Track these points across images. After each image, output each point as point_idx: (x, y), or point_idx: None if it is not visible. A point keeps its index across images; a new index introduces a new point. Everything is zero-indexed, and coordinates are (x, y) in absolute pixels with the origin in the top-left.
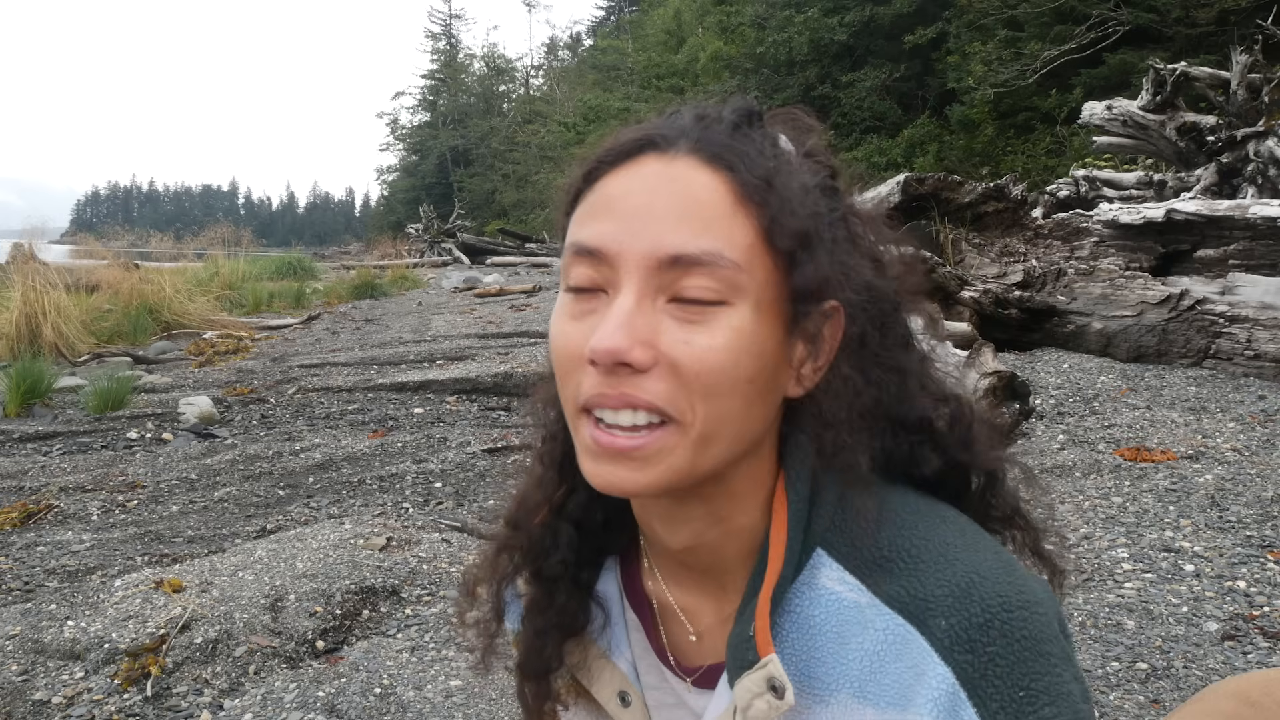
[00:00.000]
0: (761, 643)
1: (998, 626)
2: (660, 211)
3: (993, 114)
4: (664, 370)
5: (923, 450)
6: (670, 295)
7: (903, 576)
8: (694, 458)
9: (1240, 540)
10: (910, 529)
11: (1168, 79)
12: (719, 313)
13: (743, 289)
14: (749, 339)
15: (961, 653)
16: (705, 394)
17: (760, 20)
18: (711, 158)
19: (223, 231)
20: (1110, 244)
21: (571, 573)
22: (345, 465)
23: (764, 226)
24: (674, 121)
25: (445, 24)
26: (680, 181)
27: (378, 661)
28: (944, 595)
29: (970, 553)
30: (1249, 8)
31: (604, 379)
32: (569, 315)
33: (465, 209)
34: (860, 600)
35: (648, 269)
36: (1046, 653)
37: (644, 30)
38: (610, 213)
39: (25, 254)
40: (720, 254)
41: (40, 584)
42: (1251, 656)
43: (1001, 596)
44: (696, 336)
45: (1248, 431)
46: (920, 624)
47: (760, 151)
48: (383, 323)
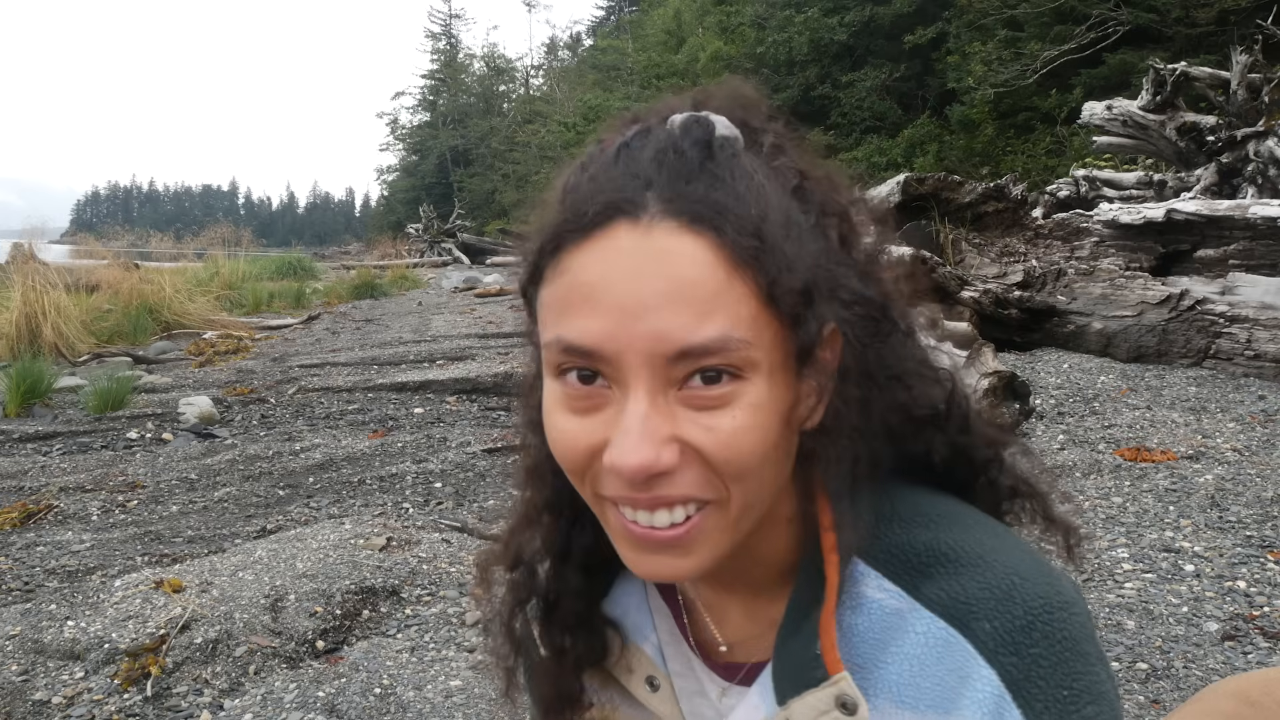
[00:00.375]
0: (830, 661)
1: (1040, 628)
2: (653, 300)
3: (993, 114)
4: (690, 460)
5: (932, 438)
6: (681, 382)
7: (942, 579)
8: (735, 531)
9: (1240, 540)
10: (945, 531)
11: (1168, 79)
12: (735, 391)
13: (755, 362)
14: (769, 409)
15: (1006, 655)
16: (737, 476)
17: (760, 20)
18: (692, 219)
19: (223, 231)
20: (1110, 244)
21: (585, 616)
22: (345, 465)
23: (764, 290)
24: (630, 167)
25: (445, 24)
26: (664, 258)
27: (378, 661)
28: (986, 598)
29: (1006, 554)
30: (1249, 8)
31: (630, 487)
32: (567, 410)
33: (465, 209)
34: (901, 606)
35: (653, 367)
36: (1085, 653)
37: (644, 30)
38: (595, 306)
39: (25, 254)
40: (729, 337)
41: (40, 584)
42: (1252, 656)
43: (1043, 598)
44: (719, 421)
45: (1248, 431)
46: (963, 627)
47: (739, 196)
48: (383, 323)
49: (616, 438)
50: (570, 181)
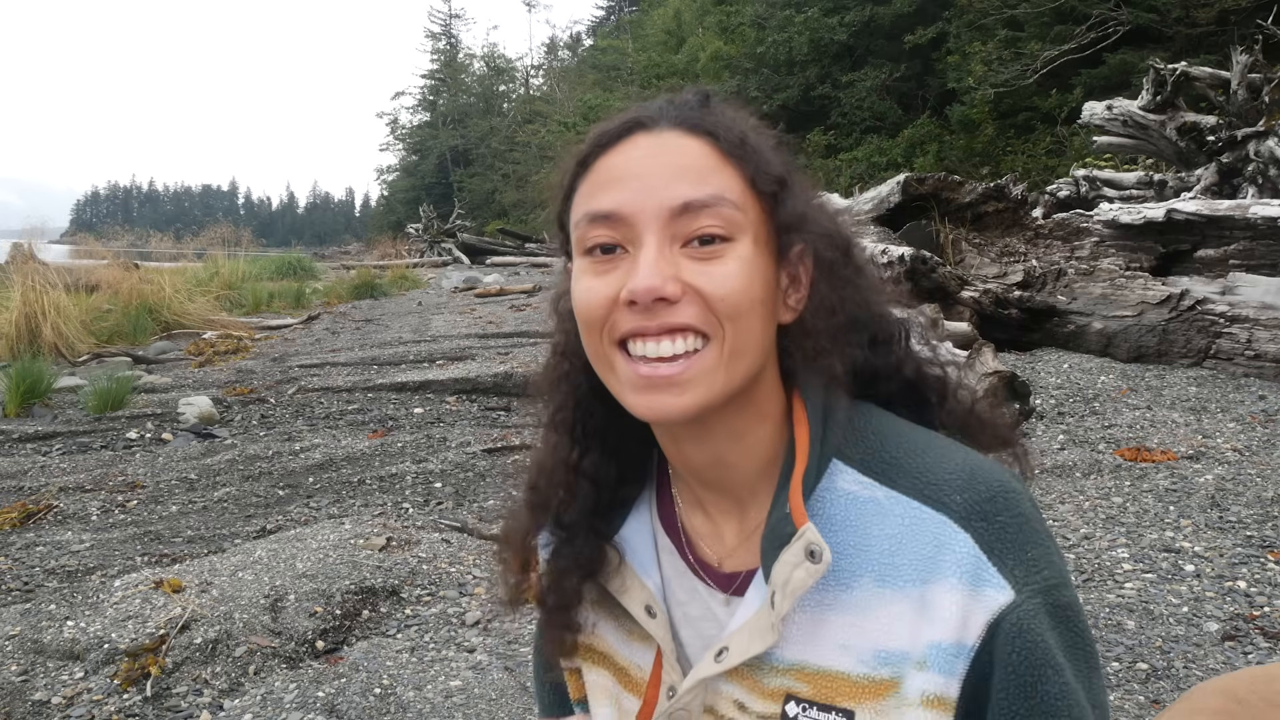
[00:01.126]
0: (797, 516)
1: (1002, 501)
2: (664, 173)
3: (993, 114)
4: (691, 298)
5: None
6: (683, 241)
7: (914, 470)
8: (727, 374)
9: (1240, 540)
10: (910, 437)
11: (1168, 79)
12: (726, 248)
13: (742, 226)
14: (753, 266)
15: (977, 520)
16: (729, 314)
17: (760, 20)
18: (692, 128)
19: (223, 231)
20: (1110, 244)
21: (588, 521)
22: (345, 465)
23: (749, 175)
24: (648, 107)
25: (445, 24)
26: (672, 148)
27: (378, 662)
28: (953, 478)
29: (963, 451)
30: (1249, 8)
31: (641, 315)
32: (592, 274)
33: (465, 209)
34: (877, 495)
35: (662, 221)
36: (1037, 529)
37: (644, 30)
38: (618, 181)
39: (25, 254)
40: (722, 196)
41: (40, 584)
42: (1252, 656)
43: (999, 480)
44: (713, 268)
45: (1248, 431)
46: (937, 503)
47: (728, 119)
48: (383, 323)
49: (632, 273)
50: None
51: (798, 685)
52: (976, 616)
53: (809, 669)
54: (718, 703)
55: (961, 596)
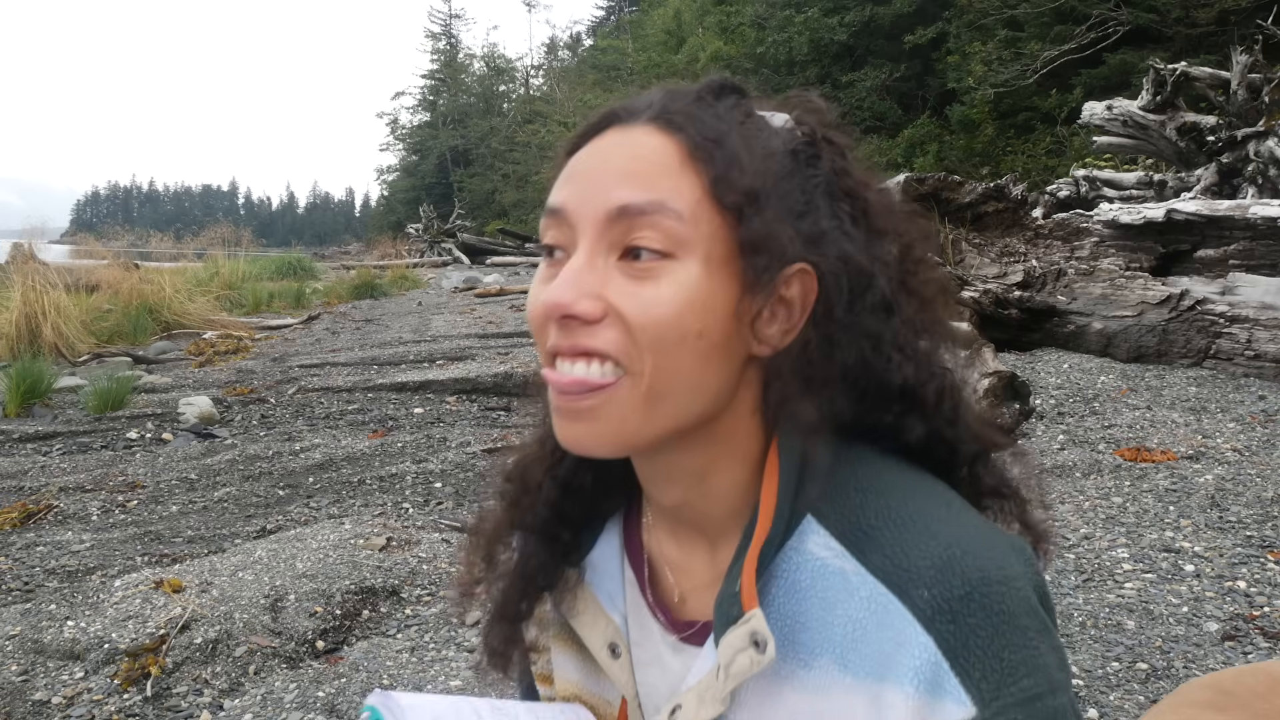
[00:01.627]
0: (746, 598)
1: (978, 599)
2: (610, 171)
3: (993, 114)
4: (613, 321)
5: (908, 419)
6: (620, 252)
7: (887, 547)
8: (647, 412)
9: (1240, 540)
10: (897, 499)
11: (1168, 79)
12: (666, 267)
13: (688, 243)
14: (696, 293)
15: (944, 623)
16: (653, 346)
17: (760, 20)
18: (666, 123)
19: (223, 231)
20: (1110, 244)
21: (549, 530)
22: (345, 465)
23: (710, 182)
24: (644, 97)
25: (445, 24)
26: (631, 145)
27: (378, 662)
28: (926, 566)
29: (953, 525)
30: (1249, 8)
31: (560, 332)
32: (540, 279)
33: (465, 209)
34: (845, 567)
35: (597, 224)
36: (1024, 626)
37: (644, 30)
38: (570, 178)
39: (25, 254)
40: (664, 204)
41: (40, 584)
42: (1252, 657)
43: (981, 570)
44: (643, 290)
45: (1248, 432)
46: (902, 593)
47: (717, 116)
48: (383, 323)
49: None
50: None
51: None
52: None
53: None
54: None
55: (916, 705)
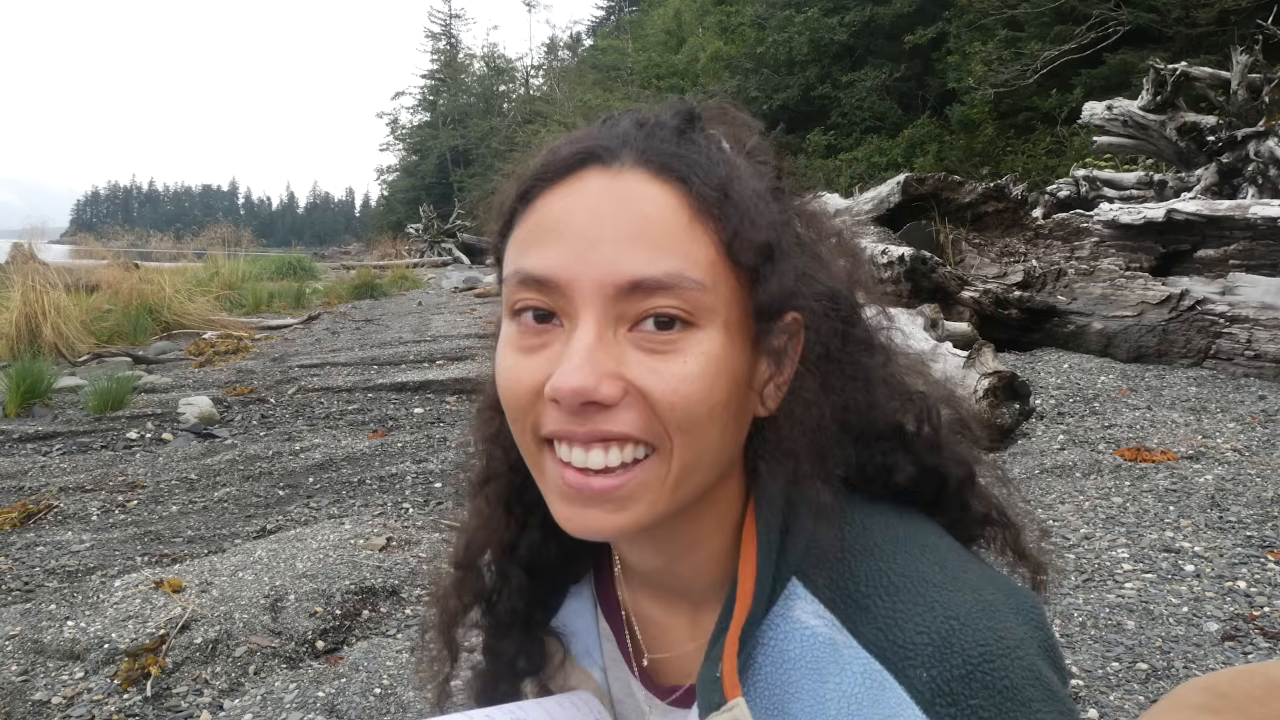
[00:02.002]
0: (728, 685)
1: (979, 678)
2: (612, 233)
3: (993, 114)
4: (634, 401)
5: (895, 457)
6: (633, 321)
7: (880, 618)
8: (674, 491)
9: (1240, 540)
10: (889, 562)
11: (1168, 79)
12: (688, 338)
13: (710, 310)
14: (720, 363)
15: (944, 706)
16: (681, 425)
17: (760, 20)
18: (660, 169)
19: (223, 231)
20: (1110, 244)
21: (523, 617)
22: (345, 465)
23: (725, 241)
24: (612, 130)
25: (445, 24)
26: (630, 198)
27: (377, 662)
28: (924, 644)
29: (949, 592)
30: (1249, 8)
31: (568, 418)
32: (516, 349)
33: (465, 209)
34: (836, 639)
35: (605, 298)
36: (1028, 700)
37: (644, 30)
38: (557, 237)
39: (25, 254)
40: (682, 275)
41: (40, 584)
42: (1252, 657)
43: (982, 645)
44: (667, 365)
45: (1248, 432)
46: (899, 673)
47: (710, 158)
48: (383, 323)
49: (560, 363)
50: (552, 143)
51: None
52: None
53: None
54: None
55: None
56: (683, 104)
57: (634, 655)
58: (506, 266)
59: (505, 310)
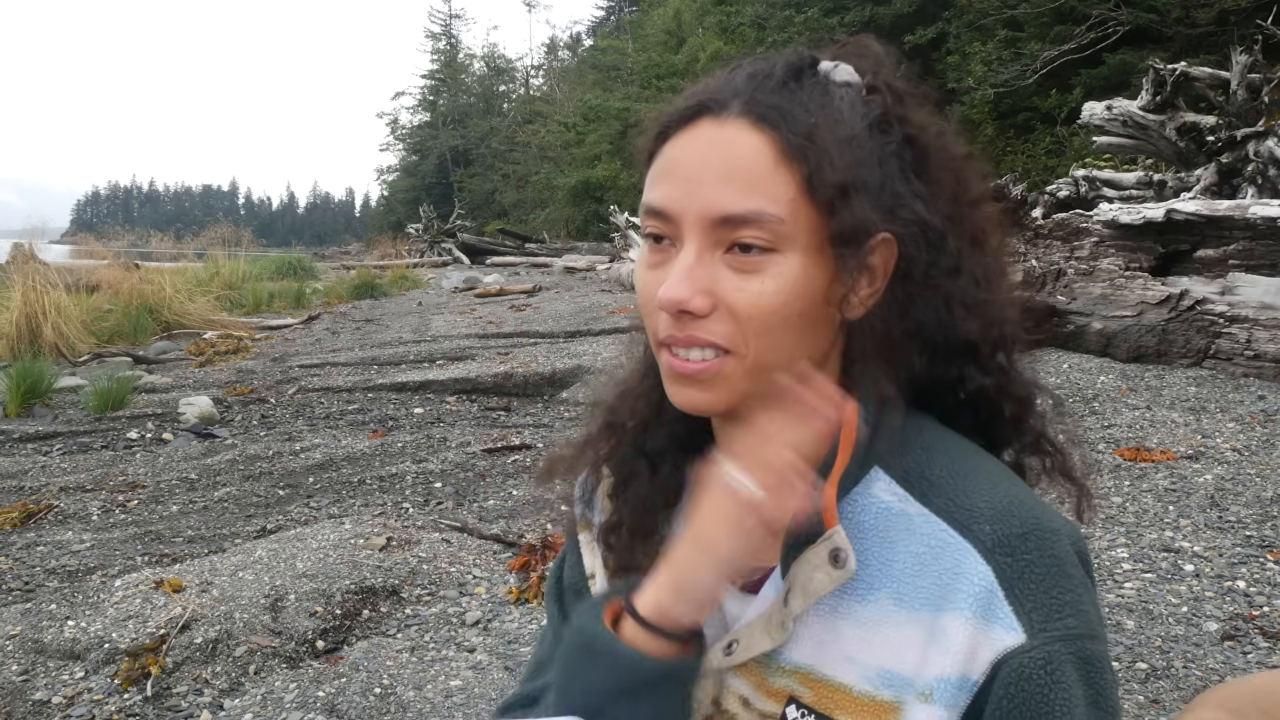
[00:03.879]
0: (828, 516)
1: (1035, 539)
2: (710, 176)
3: (993, 114)
4: (723, 314)
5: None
6: (726, 247)
7: (950, 492)
8: (752, 381)
9: (1240, 540)
10: (959, 457)
11: (1168, 79)
12: (769, 261)
13: (789, 238)
14: (797, 282)
15: (1002, 555)
16: (759, 332)
17: (760, 20)
18: (759, 119)
19: (223, 231)
20: (1110, 244)
21: (676, 448)
22: (345, 465)
23: (804, 179)
24: (729, 82)
25: (445, 24)
26: (728, 145)
27: (378, 661)
28: (987, 507)
29: (1010, 483)
30: (1249, 8)
31: (674, 322)
32: (646, 264)
33: (465, 209)
34: (909, 510)
35: (703, 228)
36: (1070, 573)
37: (644, 30)
38: (670, 176)
39: (25, 254)
40: (763, 211)
41: (40, 584)
42: (1251, 656)
43: (1038, 519)
44: (749, 284)
45: (1247, 431)
46: (964, 529)
47: (805, 108)
48: (383, 323)
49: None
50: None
51: (801, 689)
52: (983, 653)
53: (814, 675)
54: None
55: (972, 630)
56: (796, 54)
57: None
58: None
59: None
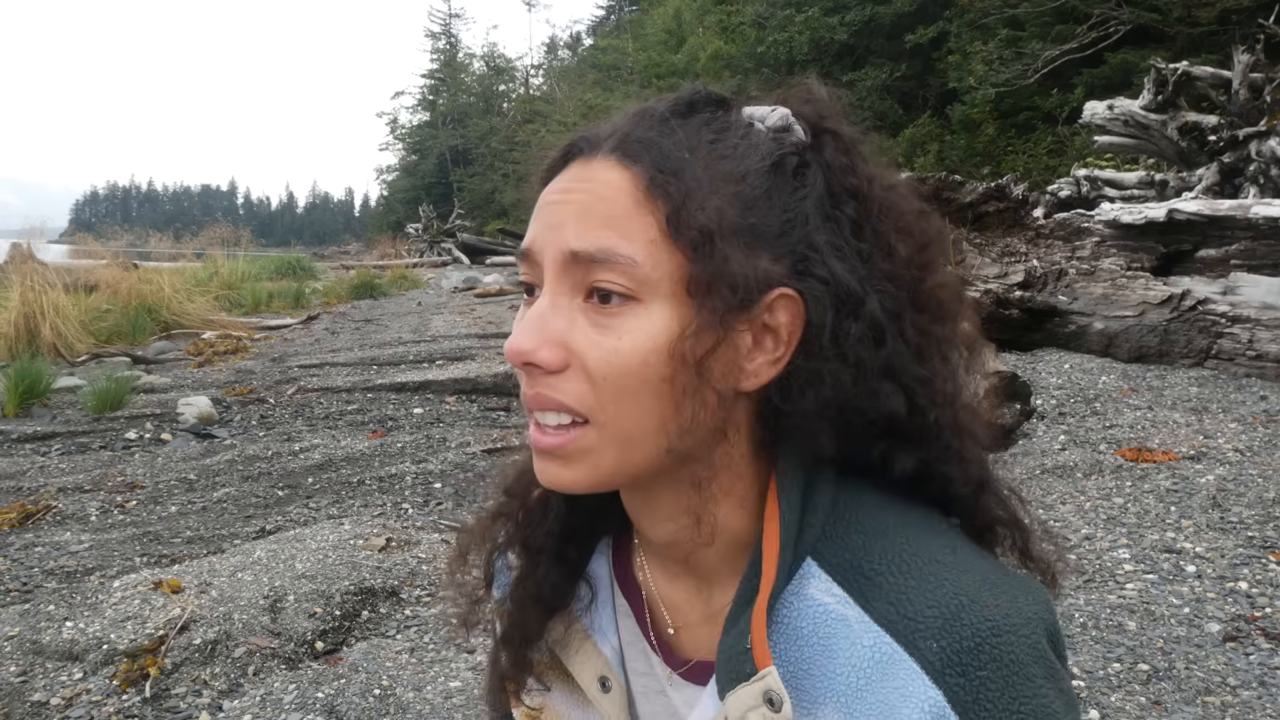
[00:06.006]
0: (759, 655)
1: (988, 651)
2: (567, 213)
3: (994, 113)
4: (577, 370)
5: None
6: (585, 294)
7: (891, 593)
8: (619, 457)
9: (1242, 541)
10: (901, 542)
11: (1169, 78)
12: (629, 311)
13: (650, 285)
14: (659, 338)
15: (953, 676)
16: (615, 395)
17: (760, 20)
18: (624, 154)
19: (222, 231)
20: (1112, 244)
21: (557, 546)
22: (345, 466)
23: (665, 219)
24: (611, 121)
25: (445, 23)
26: (589, 181)
27: (377, 662)
28: (933, 616)
29: (959, 572)
30: (1250, 7)
31: (527, 380)
32: (518, 318)
33: (465, 209)
34: (848, 614)
35: (557, 270)
36: (1032, 676)
37: (644, 30)
38: (536, 219)
39: (24, 254)
40: (614, 250)
41: (39, 585)
42: (1253, 658)
43: (990, 620)
44: (605, 337)
45: (1249, 432)
46: (909, 645)
47: (683, 144)
48: (382, 323)
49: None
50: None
51: None
52: None
53: None
54: None
55: None
56: (688, 91)
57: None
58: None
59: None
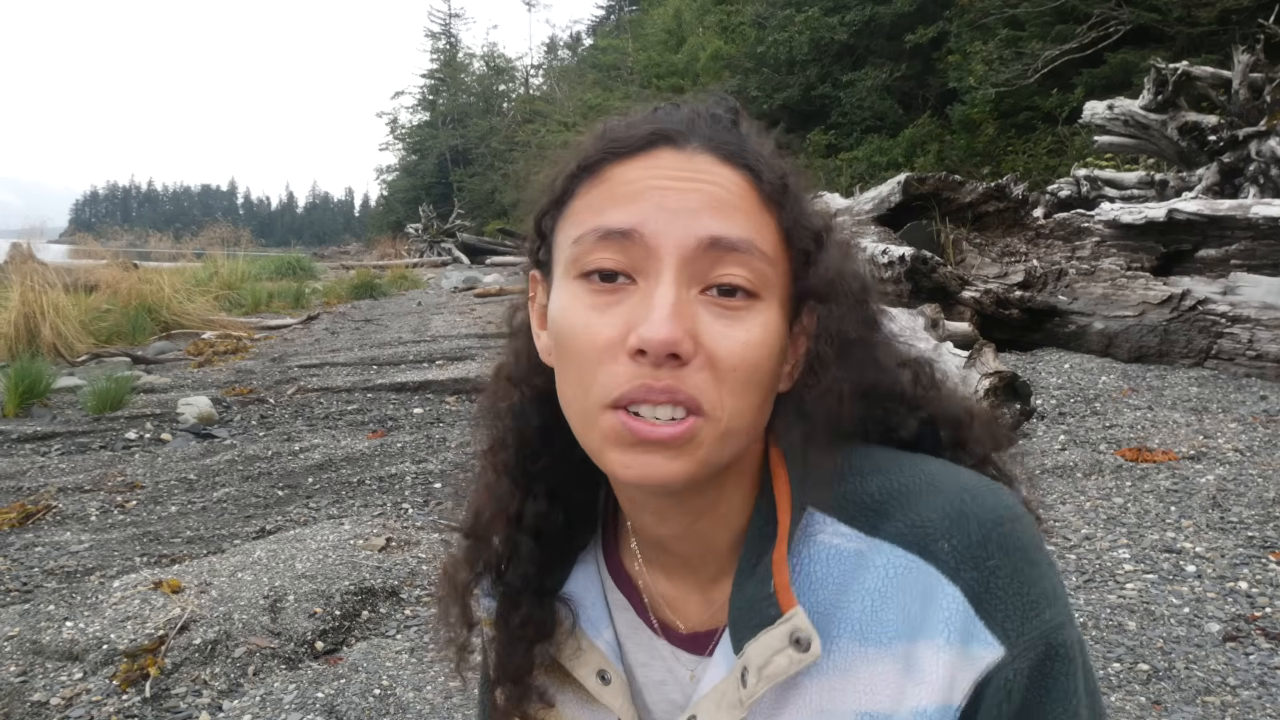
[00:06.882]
0: (783, 598)
1: (995, 540)
2: (695, 201)
3: (994, 113)
4: (703, 362)
5: (897, 414)
6: (703, 285)
7: (898, 513)
8: (720, 450)
9: (1242, 541)
10: (896, 472)
11: (1169, 78)
12: (752, 307)
13: (771, 285)
14: (774, 336)
15: (967, 570)
16: (736, 388)
17: (760, 19)
18: (728, 155)
19: (221, 231)
20: (1112, 244)
21: (534, 584)
22: (345, 466)
23: (785, 227)
24: (674, 117)
25: (445, 23)
26: (705, 175)
27: (377, 662)
28: (940, 519)
29: (954, 478)
30: (1251, 7)
31: (649, 371)
32: (589, 306)
33: (465, 209)
34: (861, 547)
35: (685, 255)
36: (1037, 560)
37: (644, 30)
38: (639, 197)
39: (24, 254)
40: (755, 243)
41: (39, 585)
42: (1253, 658)
43: (993, 511)
44: (734, 330)
45: (1249, 432)
46: (924, 551)
47: (765, 152)
48: (382, 323)
49: (647, 317)
50: (606, 126)
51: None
52: (964, 676)
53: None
54: None
55: (949, 657)
56: (726, 99)
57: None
58: (570, 226)
59: (568, 270)
